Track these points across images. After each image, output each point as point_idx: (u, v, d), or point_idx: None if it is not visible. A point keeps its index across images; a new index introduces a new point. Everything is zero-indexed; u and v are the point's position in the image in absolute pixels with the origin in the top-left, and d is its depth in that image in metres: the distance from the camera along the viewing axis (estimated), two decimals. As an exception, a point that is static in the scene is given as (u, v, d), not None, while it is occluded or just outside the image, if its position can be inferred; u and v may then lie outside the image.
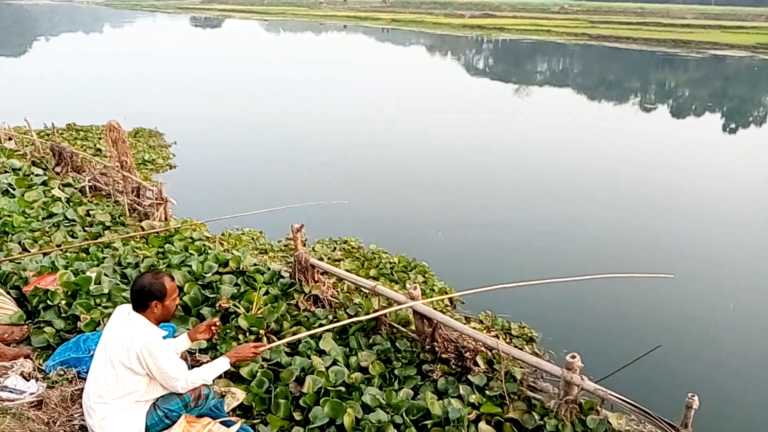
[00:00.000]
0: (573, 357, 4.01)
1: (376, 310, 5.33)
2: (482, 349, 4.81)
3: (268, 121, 18.66)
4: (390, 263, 7.70)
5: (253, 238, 8.49)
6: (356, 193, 11.26)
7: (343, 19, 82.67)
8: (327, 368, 4.66)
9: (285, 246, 8.22)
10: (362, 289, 5.81)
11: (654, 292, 7.61)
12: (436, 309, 5.08)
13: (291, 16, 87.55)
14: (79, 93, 22.54)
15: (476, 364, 4.71)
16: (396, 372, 4.83)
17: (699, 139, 18.77)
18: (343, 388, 4.42)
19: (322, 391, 4.38)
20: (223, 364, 3.89)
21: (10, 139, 11.75)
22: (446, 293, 7.10)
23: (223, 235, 8.45)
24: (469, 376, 4.61)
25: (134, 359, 3.41)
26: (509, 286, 5.15)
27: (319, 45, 52.89)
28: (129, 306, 3.67)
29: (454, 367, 4.82)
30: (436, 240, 9.14)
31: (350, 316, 5.42)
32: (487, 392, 4.46)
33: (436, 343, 4.94)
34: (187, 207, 9.07)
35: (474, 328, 5.52)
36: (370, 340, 5.23)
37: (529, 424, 4.14)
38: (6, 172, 9.05)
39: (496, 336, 5.64)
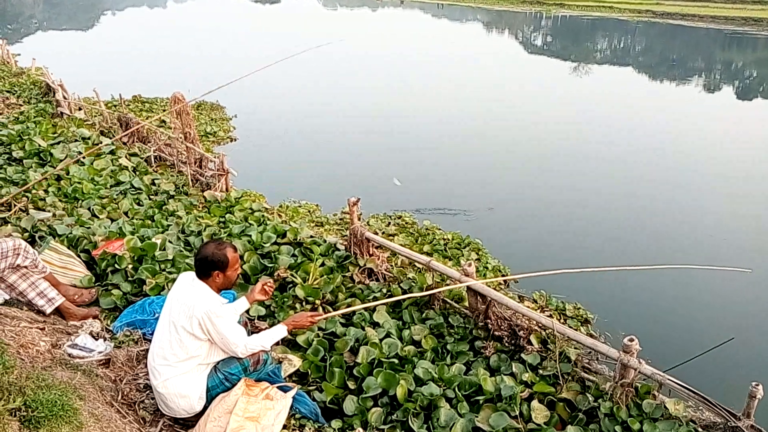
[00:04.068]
0: (631, 340, 3.94)
1: (430, 287, 5.36)
2: (536, 328, 4.79)
3: (326, 97, 18.76)
4: (443, 239, 7.70)
5: (309, 211, 8.64)
6: (411, 170, 11.24)
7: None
8: (380, 340, 4.73)
9: (340, 219, 8.33)
10: (416, 264, 5.85)
11: (725, 284, 7.33)
12: (489, 286, 5.06)
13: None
14: (144, 66, 23.14)
15: (530, 342, 4.69)
16: (448, 347, 4.86)
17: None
18: (396, 360, 4.49)
19: (376, 362, 4.45)
20: (280, 331, 4.00)
21: (80, 109, 12.22)
22: (500, 271, 7.07)
23: (281, 206, 8.62)
24: (522, 355, 4.60)
25: (196, 325, 3.54)
26: (572, 271, 5.07)
27: (375, 20, 52.55)
28: (192, 273, 3.79)
29: (507, 344, 4.81)
30: (491, 218, 9.07)
31: (404, 291, 5.47)
32: (540, 371, 4.44)
33: (489, 321, 4.94)
34: (246, 178, 9.26)
35: (527, 307, 5.48)
36: (423, 315, 5.27)
37: (582, 405, 4.10)
38: (76, 140, 9.44)
39: (551, 316, 5.59)
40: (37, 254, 4.60)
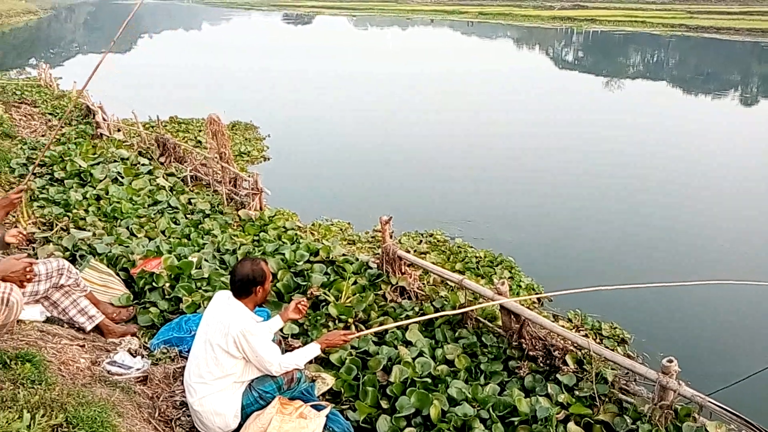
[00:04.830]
0: (670, 361, 3.86)
1: (462, 305, 5.34)
2: (572, 348, 4.71)
3: (357, 115, 18.95)
4: (476, 257, 7.67)
5: (341, 229, 8.70)
6: (443, 187, 11.24)
7: (430, 13, 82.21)
8: (413, 359, 4.72)
9: (372, 237, 8.36)
10: (448, 282, 5.83)
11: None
12: (523, 305, 5.02)
13: (379, 12, 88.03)
14: (180, 87, 23.71)
15: (565, 363, 4.62)
16: (482, 367, 4.82)
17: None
18: (429, 380, 4.47)
19: (409, 381, 4.44)
20: (314, 349, 4.02)
21: (118, 130, 12.55)
22: (534, 290, 7.00)
23: (313, 225, 8.70)
24: (558, 375, 4.53)
25: (231, 343, 3.59)
26: (607, 288, 4.97)
27: (406, 39, 52.99)
28: (228, 292, 3.84)
29: (541, 365, 4.75)
30: (524, 235, 9.00)
31: (436, 309, 5.46)
32: (577, 392, 4.37)
33: (523, 340, 4.89)
34: (279, 197, 9.38)
35: (562, 326, 5.41)
36: (456, 334, 5.24)
37: (620, 428, 4.02)
38: (115, 161, 9.69)
39: (586, 335, 5.50)
40: (78, 274, 4.71)
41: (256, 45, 43.87)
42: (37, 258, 5.56)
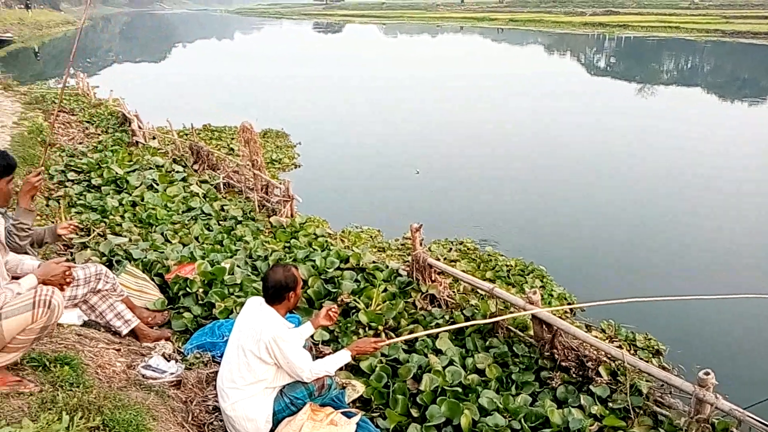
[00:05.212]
0: (707, 373, 3.77)
1: (493, 314, 5.30)
2: (605, 359, 4.65)
3: (386, 122, 19.01)
4: (506, 266, 7.61)
5: (371, 236, 8.72)
6: (474, 195, 11.18)
7: (460, 20, 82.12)
8: (443, 368, 4.70)
9: (402, 245, 8.36)
10: (479, 291, 5.81)
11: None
12: (555, 315, 4.96)
13: (408, 20, 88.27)
14: (213, 95, 24.10)
15: (598, 374, 4.55)
16: (513, 376, 4.78)
17: None
18: (459, 389, 4.44)
19: (439, 390, 4.42)
20: (344, 356, 4.03)
21: (153, 138, 12.82)
22: (566, 300, 6.91)
23: (343, 232, 8.74)
24: (591, 387, 4.47)
25: (263, 349, 3.63)
26: (641, 300, 4.90)
27: (434, 46, 53.02)
28: (260, 298, 3.88)
29: (574, 375, 4.69)
30: (556, 244, 8.90)
31: (467, 318, 5.44)
32: (610, 404, 4.30)
33: (555, 350, 4.83)
34: (310, 204, 9.45)
35: (595, 336, 5.33)
36: (487, 343, 5.21)
37: (655, 441, 3.95)
38: (150, 168, 9.90)
39: (620, 346, 5.41)
40: (116, 279, 4.82)
41: (287, 53, 44.45)
42: (75, 262, 5.70)
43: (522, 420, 4.09)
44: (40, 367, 3.67)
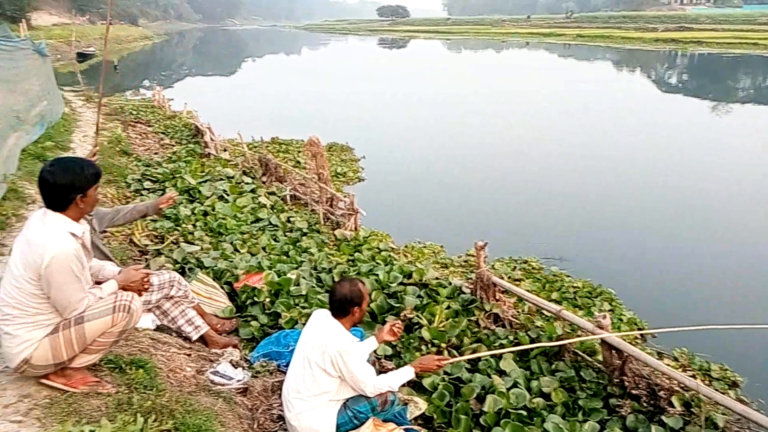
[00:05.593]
0: (792, 411, 3.56)
1: (560, 337, 5.18)
2: (678, 389, 4.45)
3: (450, 137, 18.97)
4: (573, 287, 7.41)
5: (434, 252, 8.68)
6: (541, 213, 10.99)
7: (526, 36, 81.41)
8: (508, 389, 4.62)
9: (465, 261, 8.29)
10: (544, 311, 5.69)
11: None
12: (625, 340, 4.79)
13: (474, 35, 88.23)
14: (280, 109, 24.69)
15: (671, 404, 4.36)
16: (580, 402, 4.64)
17: None
18: (524, 412, 4.35)
19: (503, 412, 4.34)
20: (408, 373, 4.02)
21: (225, 150, 13.24)
22: (636, 325, 6.66)
23: (406, 246, 8.75)
24: (663, 417, 4.28)
25: (328, 362, 3.67)
26: (718, 327, 4.67)
27: (499, 61, 52.69)
28: (326, 311, 3.94)
29: (645, 405, 4.51)
30: (626, 266, 8.62)
31: (532, 339, 5.33)
32: (684, 437, 4.11)
33: (625, 377, 4.67)
34: (373, 218, 9.50)
35: (668, 365, 5.12)
36: (553, 366, 5.09)
37: (732, 478, 3.74)
38: (221, 179, 10.22)
39: (694, 376, 5.17)
40: (188, 286, 4.98)
41: (352, 68, 45.12)
42: (149, 269, 5.94)
43: (589, 448, 3.97)
44: (116, 368, 3.81)
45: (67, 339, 3.21)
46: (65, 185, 3.15)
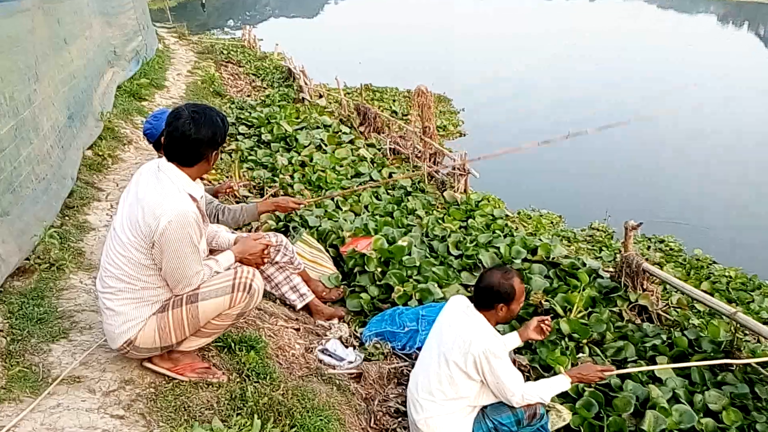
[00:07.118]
0: None
1: (731, 343, 4.29)
2: None
3: (563, 85, 17.38)
4: (725, 277, 6.34)
5: (552, 222, 7.80)
6: (676, 182, 9.66)
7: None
8: (668, 403, 3.85)
9: (589, 236, 7.38)
10: (696, 303, 4.83)
11: None
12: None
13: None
14: (367, 53, 23.76)
15: None
16: (758, 427, 3.81)
17: None
18: (692, 435, 3.59)
19: (666, 432, 3.59)
20: (563, 383, 3.38)
21: (320, 96, 12.58)
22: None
23: (519, 214, 7.89)
24: None
25: (471, 364, 3.11)
26: None
27: (594, 14, 49.16)
28: (466, 300, 3.36)
29: None
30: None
31: (689, 340, 4.48)
32: None
33: (819, 403, 3.80)
34: (480, 179, 8.64)
35: None
36: (718, 378, 4.23)
37: None
38: (318, 127, 9.59)
39: None
40: (294, 252, 4.46)
41: (446, 16, 43.08)
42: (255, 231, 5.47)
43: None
44: (225, 348, 3.36)
45: (177, 319, 2.70)
46: (205, 139, 2.61)
